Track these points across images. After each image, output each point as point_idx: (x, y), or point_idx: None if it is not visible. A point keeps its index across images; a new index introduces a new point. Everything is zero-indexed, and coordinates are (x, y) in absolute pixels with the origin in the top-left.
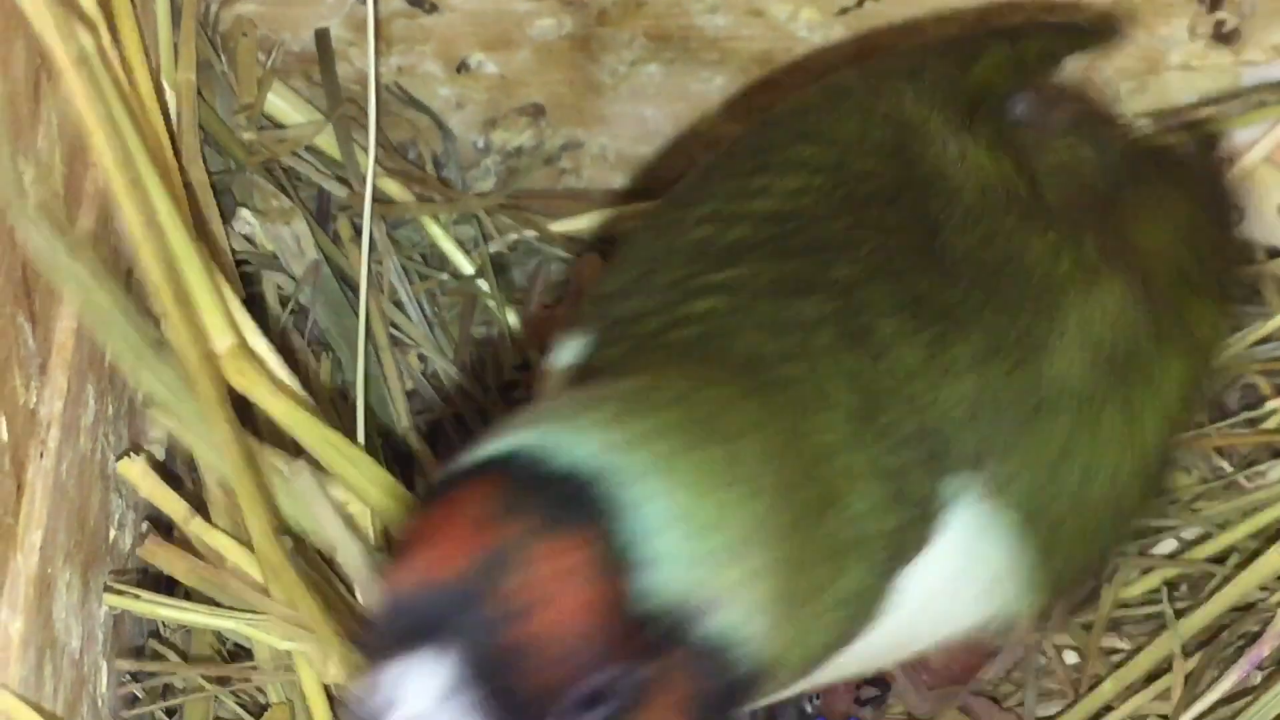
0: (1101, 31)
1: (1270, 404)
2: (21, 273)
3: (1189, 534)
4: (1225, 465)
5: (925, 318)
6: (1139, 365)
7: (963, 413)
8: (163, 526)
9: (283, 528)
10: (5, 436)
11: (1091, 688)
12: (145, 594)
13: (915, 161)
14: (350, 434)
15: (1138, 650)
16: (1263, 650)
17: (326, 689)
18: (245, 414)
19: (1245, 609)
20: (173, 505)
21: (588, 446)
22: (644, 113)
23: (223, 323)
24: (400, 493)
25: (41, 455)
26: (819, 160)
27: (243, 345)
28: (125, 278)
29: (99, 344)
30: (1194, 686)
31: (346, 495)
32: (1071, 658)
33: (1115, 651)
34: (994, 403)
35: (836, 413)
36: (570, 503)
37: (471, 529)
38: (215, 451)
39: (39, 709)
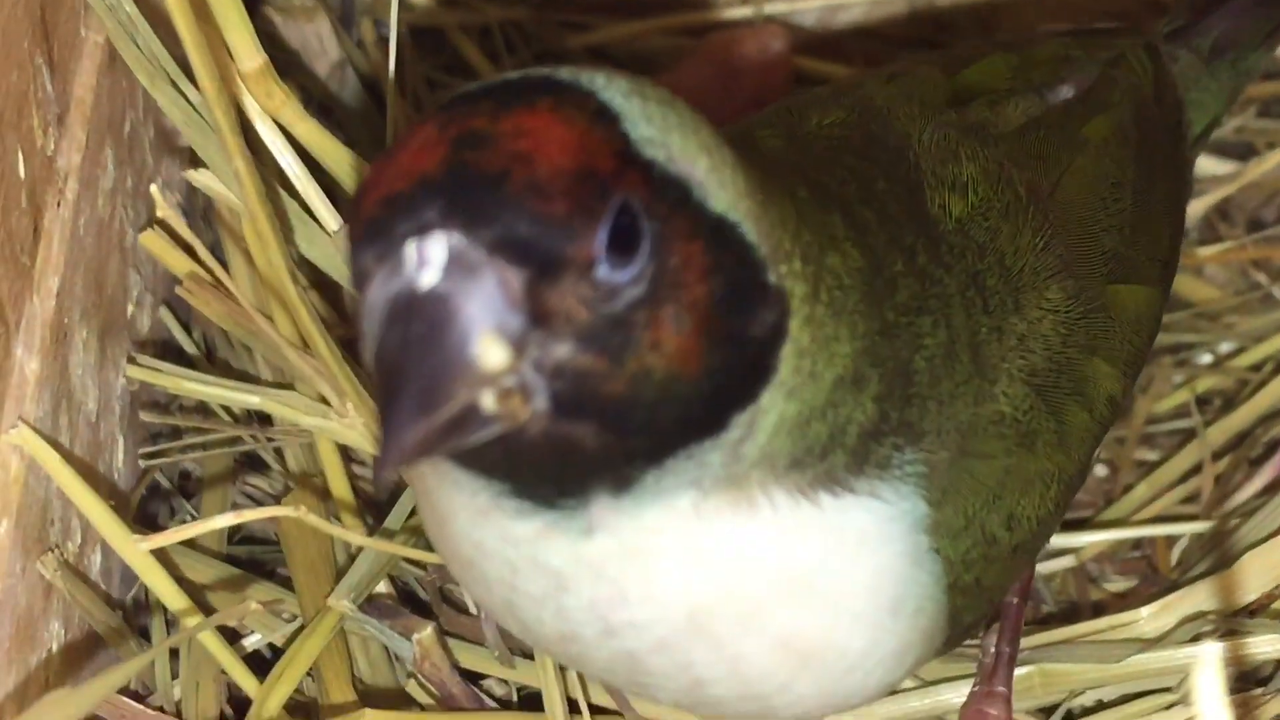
0: (1122, 32)
1: None
2: (41, 14)
3: (1224, 348)
4: (1261, 278)
5: (917, 275)
6: (1070, 386)
7: (929, 366)
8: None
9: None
10: (22, 174)
11: (1125, 491)
12: (167, 366)
13: (880, 134)
14: None
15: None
16: None
17: (345, 459)
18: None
19: (1276, 415)
20: (195, 270)
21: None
22: None
23: (250, 43)
24: None
25: (59, 205)
26: (781, 131)
27: (269, 67)
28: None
29: (118, 109)
30: (1224, 487)
31: None
32: (1102, 470)
33: (1145, 464)
34: (948, 390)
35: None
36: (557, 88)
37: (454, 118)
38: (232, 178)
39: (55, 445)
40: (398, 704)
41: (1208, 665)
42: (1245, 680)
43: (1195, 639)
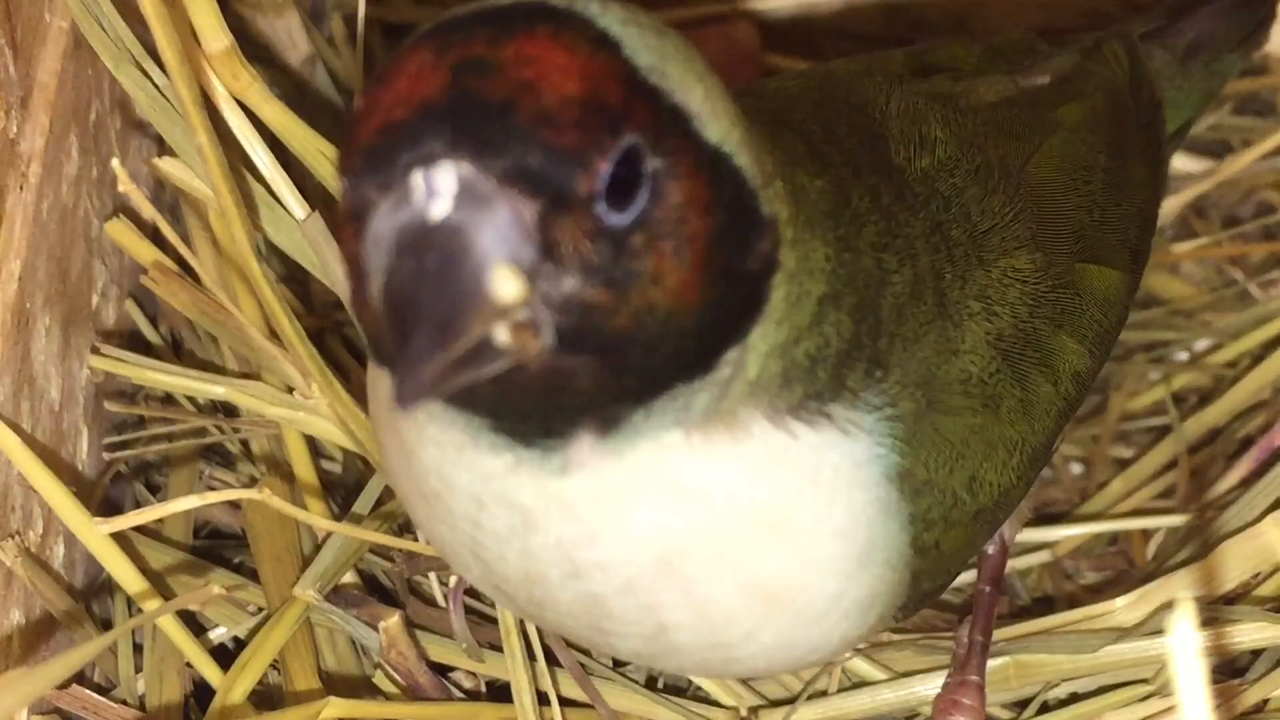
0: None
1: None
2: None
3: (1200, 345)
4: (1237, 274)
5: (882, 213)
6: (1036, 357)
7: (895, 304)
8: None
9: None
10: None
11: (1100, 487)
12: (131, 356)
13: (843, 95)
14: None
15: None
16: (1275, 440)
17: (312, 450)
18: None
19: (1252, 409)
20: (161, 259)
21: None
22: None
23: (216, 24)
24: None
25: (21, 189)
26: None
27: (235, 48)
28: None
29: (83, 97)
30: (1200, 481)
31: None
32: (1078, 468)
33: (1120, 461)
34: (913, 330)
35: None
36: (554, 14)
37: (451, 43)
38: (198, 162)
39: (15, 429)
40: (364, 694)
41: (1187, 652)
42: (1222, 671)
43: (1163, 631)
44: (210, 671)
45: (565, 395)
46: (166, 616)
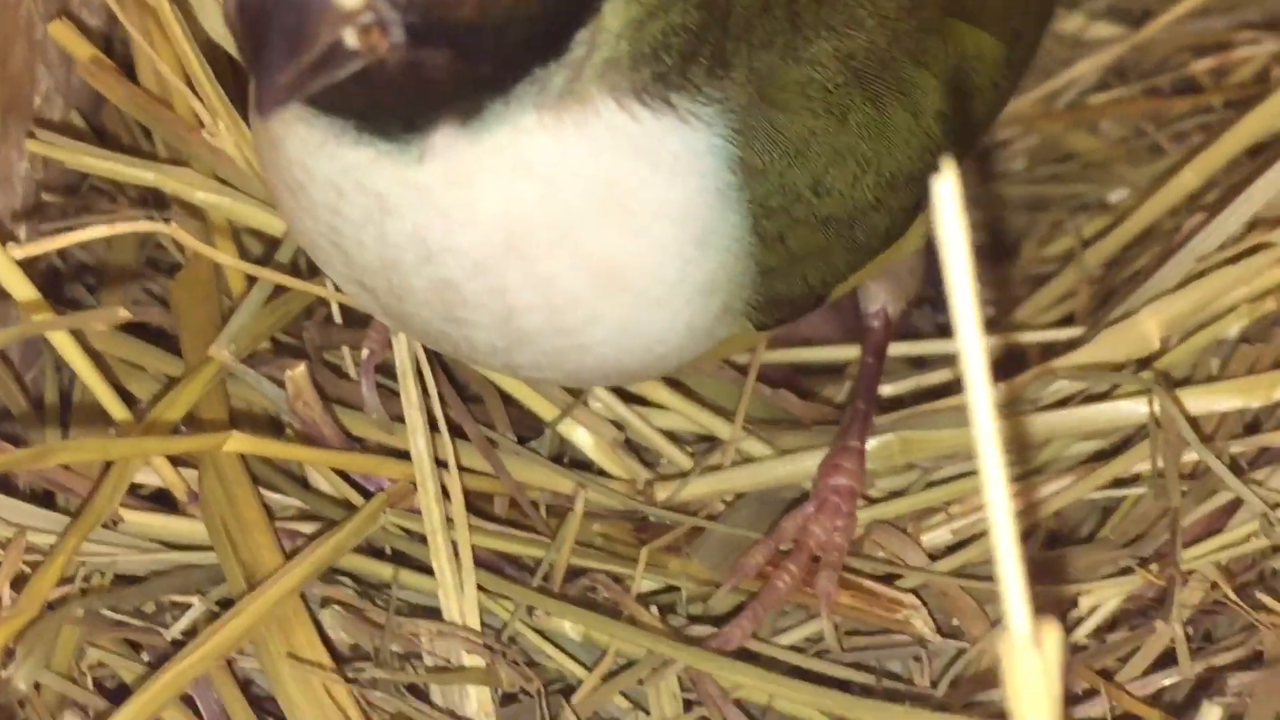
0: None
1: (1196, 64)
2: None
3: (1114, 198)
4: (1149, 128)
5: None
6: (893, 83)
7: (745, 14)
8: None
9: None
10: None
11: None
12: (66, 140)
13: None
14: None
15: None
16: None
17: (239, 243)
18: None
19: (1150, 239)
20: (99, 57)
21: None
22: None
23: None
24: None
25: None
26: None
27: None
28: None
29: None
30: (1098, 302)
31: None
32: (989, 310)
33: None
34: (760, 39)
35: None
36: None
37: None
38: None
39: None
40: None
41: (946, 176)
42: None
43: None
44: (119, 413)
45: (425, 88)
46: (88, 370)
